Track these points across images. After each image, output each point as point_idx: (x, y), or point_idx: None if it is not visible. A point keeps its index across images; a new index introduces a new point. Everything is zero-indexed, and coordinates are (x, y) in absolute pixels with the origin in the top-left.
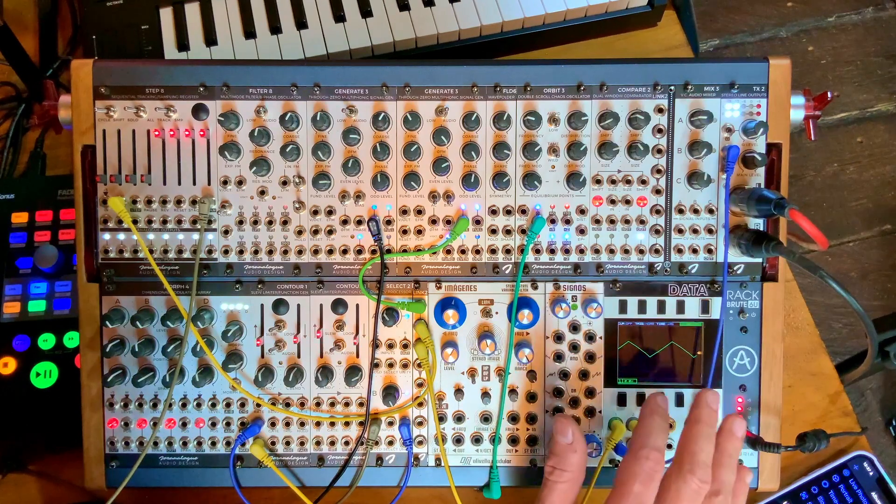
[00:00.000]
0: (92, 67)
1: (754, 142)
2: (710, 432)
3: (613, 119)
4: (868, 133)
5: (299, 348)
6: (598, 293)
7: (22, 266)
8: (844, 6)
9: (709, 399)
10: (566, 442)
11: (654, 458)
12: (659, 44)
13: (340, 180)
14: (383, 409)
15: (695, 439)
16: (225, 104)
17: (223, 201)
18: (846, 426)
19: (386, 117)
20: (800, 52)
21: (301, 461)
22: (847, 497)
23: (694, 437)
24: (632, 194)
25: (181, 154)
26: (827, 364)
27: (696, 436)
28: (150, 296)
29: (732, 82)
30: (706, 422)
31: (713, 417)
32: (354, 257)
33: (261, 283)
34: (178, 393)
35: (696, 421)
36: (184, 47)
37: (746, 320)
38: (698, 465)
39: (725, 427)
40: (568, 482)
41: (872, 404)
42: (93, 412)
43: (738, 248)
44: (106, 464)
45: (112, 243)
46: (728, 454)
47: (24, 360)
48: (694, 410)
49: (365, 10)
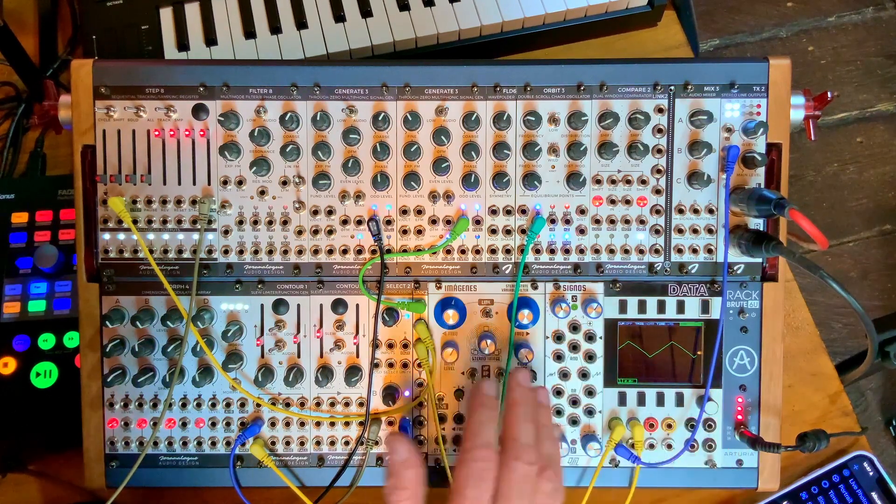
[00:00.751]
0: (92, 67)
1: (754, 142)
2: (528, 411)
3: (613, 119)
4: (868, 133)
5: (299, 348)
6: (598, 293)
7: (22, 266)
8: (844, 6)
9: (520, 378)
10: (400, 460)
11: (482, 456)
12: (659, 44)
13: (340, 180)
14: (383, 409)
15: (514, 423)
16: (225, 104)
17: (223, 201)
18: (846, 426)
19: (386, 117)
20: (800, 52)
21: (301, 461)
22: (847, 497)
23: (513, 421)
24: (632, 194)
25: (181, 154)
26: (827, 364)
27: (514, 420)
28: (150, 296)
29: (732, 82)
30: (521, 402)
31: (528, 395)
32: (354, 257)
33: (261, 283)
34: (178, 393)
35: (513, 404)
36: (184, 47)
37: (746, 320)
38: (522, 449)
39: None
40: (409, 500)
41: (872, 404)
42: (93, 412)
43: (738, 248)
44: (106, 464)
45: (112, 243)
46: (544, 426)
47: (24, 360)
48: (509, 394)
49: (365, 10)
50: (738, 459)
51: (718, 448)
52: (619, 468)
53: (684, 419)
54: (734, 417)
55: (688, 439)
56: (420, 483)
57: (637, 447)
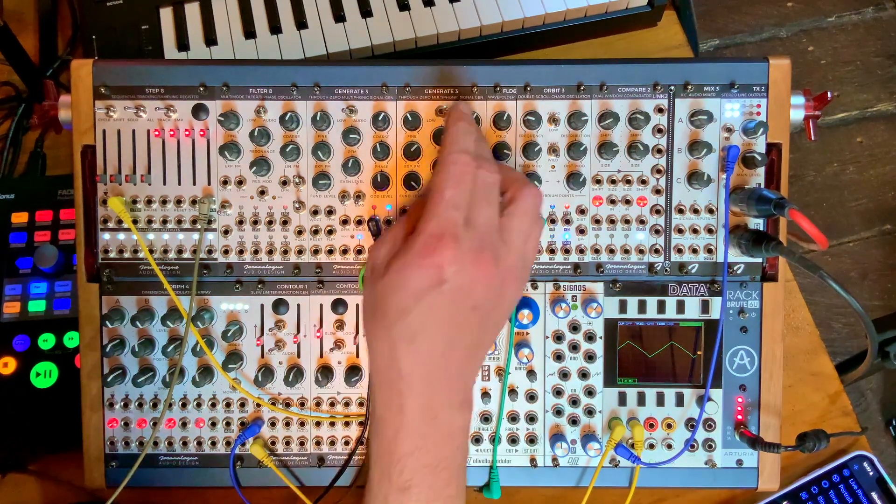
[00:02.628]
0: (92, 67)
1: (754, 142)
2: (469, 127)
3: (613, 119)
4: (868, 133)
5: (299, 348)
6: (598, 293)
7: (22, 266)
8: (844, 6)
9: (459, 105)
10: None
11: (462, 160)
12: (659, 44)
13: (340, 180)
14: None
15: (451, 133)
16: (225, 104)
17: (223, 201)
18: (846, 426)
19: (386, 117)
20: (800, 52)
21: (301, 461)
22: (847, 497)
23: (451, 133)
24: (632, 194)
25: (181, 154)
26: (827, 364)
27: (453, 132)
28: (150, 296)
29: (732, 82)
30: (461, 118)
31: (466, 114)
32: (354, 257)
33: (261, 283)
34: (178, 393)
35: (452, 123)
36: (184, 47)
37: (746, 320)
38: (458, 147)
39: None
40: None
41: (872, 404)
42: (93, 412)
43: (738, 248)
44: (106, 464)
45: (112, 243)
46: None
47: (24, 360)
48: (447, 121)
49: (365, 10)
50: (738, 459)
51: (718, 448)
52: (619, 468)
53: (684, 419)
54: (734, 417)
55: (688, 439)
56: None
57: (637, 447)
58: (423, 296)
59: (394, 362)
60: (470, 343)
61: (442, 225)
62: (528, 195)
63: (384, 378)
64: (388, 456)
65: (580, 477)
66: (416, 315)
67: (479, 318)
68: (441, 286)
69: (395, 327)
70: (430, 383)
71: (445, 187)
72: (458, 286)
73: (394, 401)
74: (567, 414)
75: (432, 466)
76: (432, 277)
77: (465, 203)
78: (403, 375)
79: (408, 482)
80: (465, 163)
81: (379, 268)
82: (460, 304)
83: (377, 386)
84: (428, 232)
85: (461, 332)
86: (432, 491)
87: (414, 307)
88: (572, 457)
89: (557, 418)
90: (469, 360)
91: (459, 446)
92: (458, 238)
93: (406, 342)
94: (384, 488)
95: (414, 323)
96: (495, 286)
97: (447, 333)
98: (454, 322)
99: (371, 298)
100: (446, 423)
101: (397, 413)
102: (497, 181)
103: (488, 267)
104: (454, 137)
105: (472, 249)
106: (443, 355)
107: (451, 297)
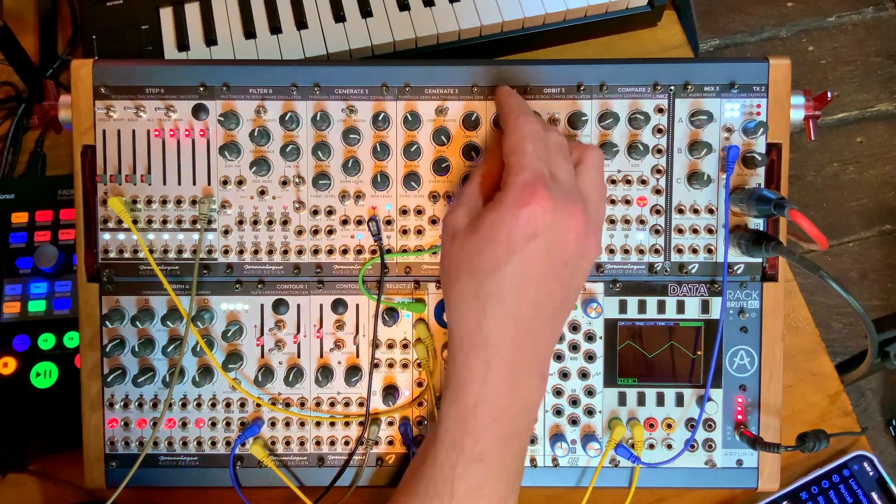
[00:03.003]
0: (92, 67)
1: (754, 142)
2: (523, 100)
3: (613, 119)
4: (868, 133)
5: (299, 348)
6: (597, 293)
7: (22, 266)
8: (844, 6)
9: (504, 86)
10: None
11: (532, 121)
12: (659, 44)
13: (340, 180)
14: (383, 409)
15: (510, 104)
16: (225, 104)
17: (223, 201)
18: (846, 426)
19: (386, 117)
20: (800, 52)
21: (301, 461)
22: (847, 497)
23: (510, 104)
24: (632, 194)
25: (181, 154)
26: (827, 364)
27: (511, 103)
28: (150, 296)
29: (732, 82)
30: (511, 93)
31: (514, 91)
32: (354, 257)
33: (261, 283)
34: (178, 393)
35: (505, 98)
36: (184, 47)
37: (746, 320)
38: (523, 113)
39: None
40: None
41: (872, 404)
42: (93, 412)
43: (738, 248)
44: (106, 464)
45: (112, 243)
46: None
47: (24, 360)
48: (498, 98)
49: (365, 10)
50: (738, 459)
51: (718, 448)
52: (619, 468)
53: (684, 419)
54: (734, 417)
55: (688, 439)
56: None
57: (637, 447)
58: (519, 249)
59: (481, 326)
60: (557, 304)
61: (533, 175)
62: (595, 153)
63: (469, 344)
64: (464, 425)
65: (580, 477)
66: (509, 270)
67: (568, 275)
68: (536, 238)
69: (485, 285)
70: (516, 347)
71: (525, 142)
72: (553, 237)
73: (478, 368)
74: (567, 414)
75: (506, 438)
76: (528, 228)
77: (546, 159)
78: (491, 340)
79: (482, 454)
80: (535, 122)
81: (460, 230)
82: (553, 259)
83: (459, 352)
84: (520, 183)
85: (551, 290)
86: (501, 463)
87: (508, 262)
88: (572, 457)
89: (557, 418)
90: (553, 326)
91: (532, 419)
92: (549, 188)
93: (496, 302)
94: (453, 457)
95: (507, 279)
96: (582, 240)
97: (537, 291)
98: (546, 278)
99: (455, 261)
100: (525, 395)
101: (481, 381)
102: (566, 142)
103: (580, 217)
104: (515, 107)
105: (564, 200)
106: (531, 318)
107: (546, 250)
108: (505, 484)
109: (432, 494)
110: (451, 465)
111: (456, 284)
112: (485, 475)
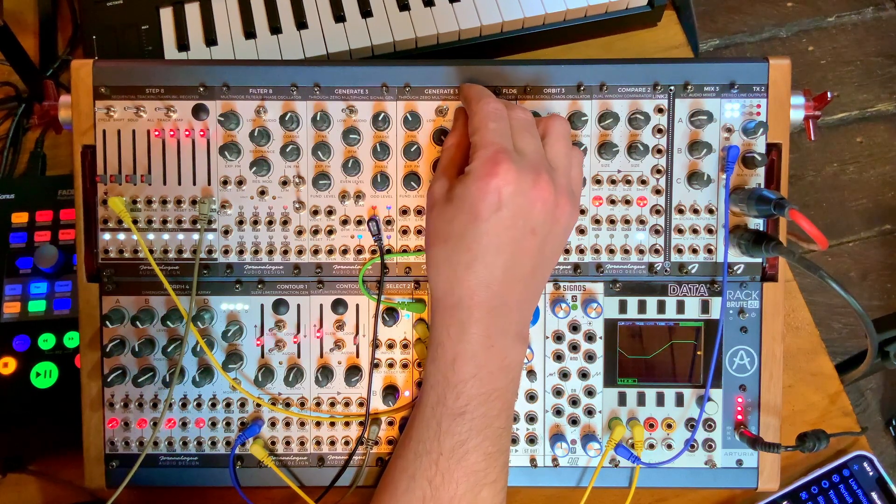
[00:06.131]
0: (92, 67)
1: (754, 142)
2: (485, 89)
3: (613, 119)
4: (868, 133)
5: (299, 348)
6: (597, 293)
7: (22, 266)
8: (844, 6)
9: (466, 83)
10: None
11: (492, 102)
12: (659, 44)
13: (340, 180)
14: (383, 409)
15: (471, 92)
16: (225, 104)
17: (223, 201)
18: (846, 426)
19: (386, 117)
20: (800, 52)
21: (301, 461)
22: (847, 497)
23: (471, 92)
24: (632, 194)
25: (181, 154)
26: (827, 364)
27: (472, 92)
28: (150, 296)
29: (732, 82)
30: (473, 84)
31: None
32: (354, 257)
33: (261, 283)
34: (178, 393)
35: (467, 88)
36: (184, 47)
37: (746, 320)
38: (484, 97)
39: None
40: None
41: (872, 404)
42: (93, 412)
43: (738, 248)
44: (106, 464)
45: (112, 243)
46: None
47: (24, 360)
48: (462, 90)
49: (365, 10)
50: (738, 459)
51: (718, 448)
52: (619, 468)
53: (684, 419)
54: (734, 417)
55: (688, 439)
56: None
57: (637, 447)
58: (484, 218)
59: (453, 288)
60: (528, 270)
61: (496, 150)
62: (558, 122)
63: (445, 304)
64: (445, 381)
65: (580, 477)
66: (476, 238)
67: (537, 242)
68: (500, 210)
69: (456, 252)
70: (489, 310)
71: (487, 122)
72: (518, 207)
73: (453, 327)
74: (567, 414)
75: (486, 395)
76: (492, 201)
77: (508, 135)
78: (463, 301)
79: (463, 408)
80: (495, 103)
81: (438, 199)
82: (520, 227)
83: (437, 312)
84: (483, 158)
85: (520, 256)
86: (484, 420)
87: (475, 230)
88: (572, 457)
89: (557, 418)
90: (526, 290)
91: (513, 380)
92: (512, 160)
93: (465, 267)
94: (438, 413)
95: (474, 246)
96: (550, 208)
97: (506, 258)
98: (513, 245)
99: (433, 227)
100: (502, 354)
101: (457, 339)
102: (531, 117)
103: (546, 187)
104: (476, 92)
105: (528, 171)
106: (502, 281)
107: (510, 220)
108: (491, 441)
109: (422, 452)
110: (437, 421)
111: (432, 249)
112: (469, 430)
